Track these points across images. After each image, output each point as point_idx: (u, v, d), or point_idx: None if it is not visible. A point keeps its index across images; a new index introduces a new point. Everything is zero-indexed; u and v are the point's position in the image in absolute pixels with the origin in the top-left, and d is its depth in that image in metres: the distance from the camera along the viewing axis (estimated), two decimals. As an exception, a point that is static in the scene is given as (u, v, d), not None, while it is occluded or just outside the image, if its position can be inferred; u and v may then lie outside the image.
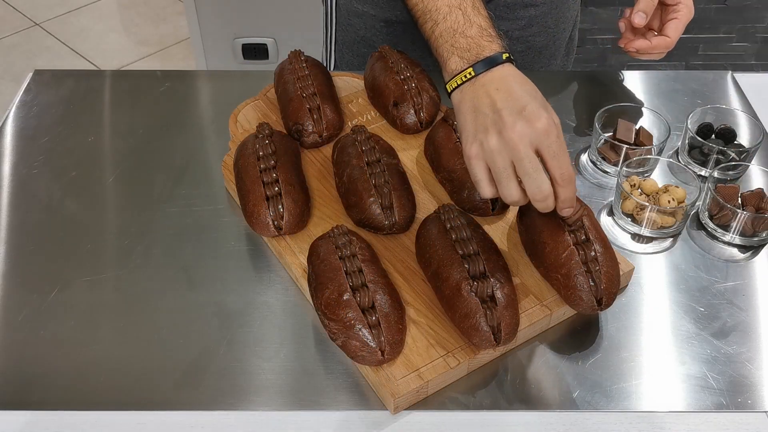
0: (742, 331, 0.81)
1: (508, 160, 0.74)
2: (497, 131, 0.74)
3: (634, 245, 0.91)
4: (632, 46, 1.05)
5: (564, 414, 0.74)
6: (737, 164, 0.98)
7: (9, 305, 0.83)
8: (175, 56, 2.90)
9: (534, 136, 0.72)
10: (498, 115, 0.74)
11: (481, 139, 0.75)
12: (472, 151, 0.76)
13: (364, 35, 1.20)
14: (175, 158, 1.03)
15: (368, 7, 1.17)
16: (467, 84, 0.78)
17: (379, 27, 1.18)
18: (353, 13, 1.19)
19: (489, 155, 0.75)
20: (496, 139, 0.74)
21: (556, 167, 0.73)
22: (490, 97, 0.75)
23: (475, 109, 0.76)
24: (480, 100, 0.76)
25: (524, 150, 0.72)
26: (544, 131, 0.73)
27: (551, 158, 0.73)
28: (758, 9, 2.20)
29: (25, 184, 0.99)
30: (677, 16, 1.03)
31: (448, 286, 0.76)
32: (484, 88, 0.76)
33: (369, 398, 0.75)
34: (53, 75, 1.19)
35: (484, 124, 0.75)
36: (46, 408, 0.74)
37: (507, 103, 0.74)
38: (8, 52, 2.89)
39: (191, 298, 0.84)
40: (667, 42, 1.04)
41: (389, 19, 1.17)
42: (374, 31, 1.19)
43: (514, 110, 0.73)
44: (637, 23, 1.02)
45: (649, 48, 1.04)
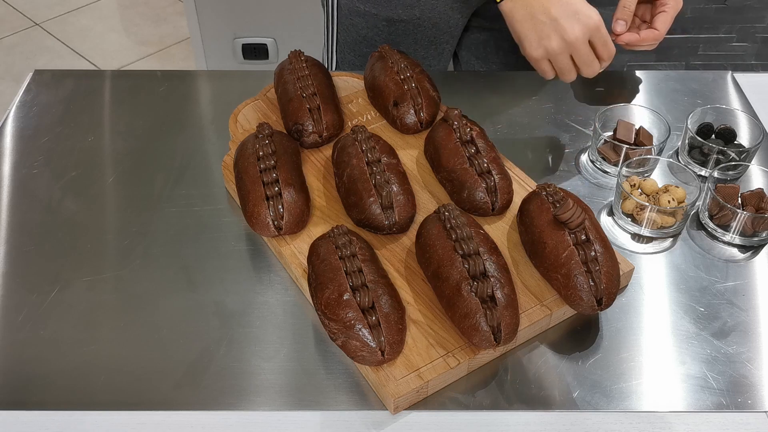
0: (742, 331, 0.81)
1: (569, 56, 0.95)
2: (559, 35, 0.93)
3: (634, 245, 0.91)
4: (621, 41, 1.08)
5: (564, 414, 0.74)
6: (737, 164, 0.98)
7: (9, 305, 0.84)
8: (175, 56, 2.90)
9: (588, 33, 0.93)
10: (556, 22, 0.93)
11: (545, 44, 0.94)
12: (539, 53, 0.95)
13: (366, 34, 1.20)
14: (175, 158, 1.03)
15: (370, 6, 1.17)
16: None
17: (381, 26, 1.19)
18: (355, 13, 1.19)
19: (553, 56, 0.95)
20: (558, 42, 0.93)
21: (605, 51, 0.97)
22: (543, 4, 0.93)
23: (531, 17, 0.94)
24: (533, 7, 0.94)
25: (582, 46, 0.94)
26: (595, 27, 0.94)
27: (602, 46, 0.96)
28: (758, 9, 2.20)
29: (25, 184, 0.99)
30: (665, 9, 1.08)
31: (448, 286, 0.76)
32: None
33: (369, 398, 0.75)
34: (53, 75, 1.19)
35: (544, 31, 0.94)
36: (46, 408, 0.74)
37: (561, 9, 0.93)
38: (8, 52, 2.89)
39: (191, 298, 0.84)
40: (655, 34, 1.08)
41: (391, 18, 1.17)
42: (376, 30, 1.19)
43: (569, 15, 0.92)
44: (619, 31, 1.09)
45: (639, 41, 1.10)
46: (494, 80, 1.21)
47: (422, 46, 1.22)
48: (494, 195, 0.89)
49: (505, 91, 1.17)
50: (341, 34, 1.24)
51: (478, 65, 1.32)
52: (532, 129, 1.08)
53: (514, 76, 1.23)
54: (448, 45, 1.25)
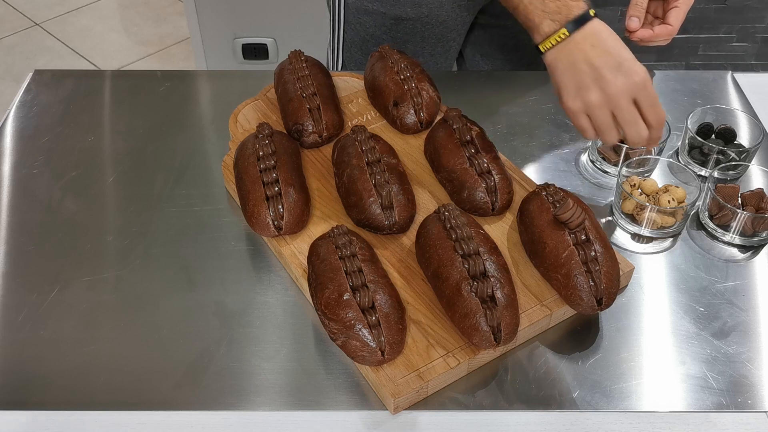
0: (742, 331, 0.81)
1: (609, 112, 0.84)
2: (599, 87, 0.83)
3: (634, 245, 0.91)
4: (635, 37, 1.08)
5: (564, 414, 0.74)
6: (737, 164, 0.98)
7: (9, 305, 0.83)
8: (175, 56, 2.90)
9: (633, 89, 0.83)
10: (598, 72, 0.84)
11: (583, 95, 0.85)
12: (576, 105, 0.86)
13: (374, 33, 1.20)
14: (175, 158, 1.03)
15: (378, 5, 1.17)
16: (562, 44, 0.86)
17: (389, 24, 1.19)
18: (363, 11, 1.19)
19: (591, 109, 0.85)
20: (598, 95, 0.84)
21: (652, 114, 0.85)
22: (586, 54, 0.85)
23: (572, 67, 0.85)
24: (576, 57, 0.85)
25: (625, 103, 0.83)
26: (642, 84, 0.83)
27: (648, 107, 0.84)
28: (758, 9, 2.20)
29: (25, 184, 0.99)
30: (678, 5, 1.07)
31: (448, 286, 0.76)
32: (578, 46, 0.85)
33: (369, 398, 0.75)
34: (53, 75, 1.19)
35: (584, 81, 0.84)
36: (46, 408, 0.74)
37: (605, 60, 0.84)
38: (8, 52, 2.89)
39: (191, 298, 0.84)
40: (669, 30, 1.07)
41: (399, 17, 1.18)
42: (384, 29, 1.20)
43: (612, 66, 0.83)
44: (633, 28, 1.08)
45: (652, 36, 1.09)
46: (494, 80, 1.21)
47: (429, 44, 1.22)
48: (494, 195, 0.89)
49: (505, 91, 1.17)
50: (348, 33, 1.24)
51: (483, 62, 1.32)
52: (532, 129, 1.08)
53: (514, 76, 1.23)
54: (454, 43, 1.25)
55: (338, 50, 1.27)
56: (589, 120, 0.86)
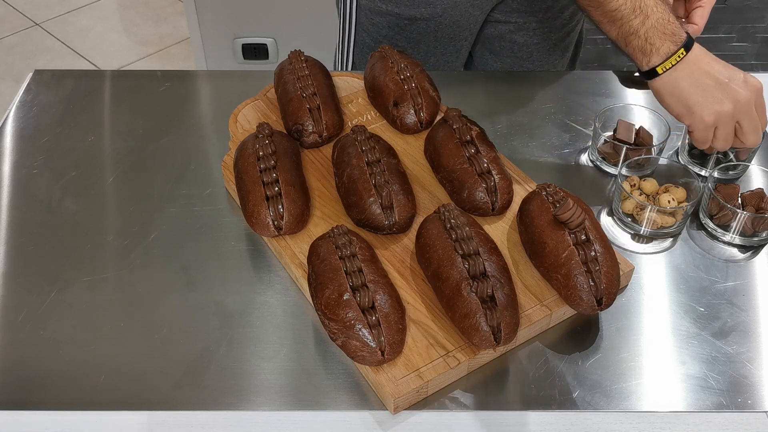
0: (742, 331, 0.81)
1: (733, 125, 0.92)
2: (731, 99, 0.90)
3: (634, 245, 0.91)
4: None
5: (564, 414, 0.74)
6: (737, 164, 0.98)
7: (9, 305, 0.84)
8: (175, 56, 2.90)
9: (754, 98, 0.91)
10: (728, 86, 0.91)
11: (718, 108, 0.90)
12: (712, 118, 0.91)
13: (387, 34, 1.21)
14: (175, 158, 1.03)
15: (392, 6, 1.17)
16: (681, 64, 0.93)
17: (403, 25, 1.19)
18: (376, 12, 1.19)
19: (723, 120, 0.91)
20: (731, 106, 0.90)
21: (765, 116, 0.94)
22: (707, 71, 0.92)
23: (698, 83, 0.92)
24: (698, 75, 0.92)
25: (750, 111, 0.91)
26: (758, 91, 0.92)
27: (762, 111, 0.93)
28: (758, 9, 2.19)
29: (25, 184, 0.99)
30: (702, 4, 1.10)
31: (448, 286, 0.76)
32: (697, 65, 0.93)
33: (369, 398, 0.75)
34: (53, 75, 1.19)
35: (716, 95, 0.91)
36: (46, 408, 0.74)
37: (727, 74, 0.92)
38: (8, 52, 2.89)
39: (191, 298, 0.84)
40: (694, 29, 1.11)
41: (413, 17, 1.18)
42: (398, 29, 1.20)
43: (739, 81, 0.91)
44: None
45: None
46: (494, 80, 1.21)
47: (442, 44, 1.22)
48: (494, 195, 0.89)
49: (505, 91, 1.17)
50: (359, 35, 1.24)
51: (492, 59, 1.32)
52: (532, 129, 1.08)
53: (515, 76, 1.23)
54: (466, 42, 1.26)
55: (348, 52, 1.27)
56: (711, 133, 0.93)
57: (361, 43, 1.24)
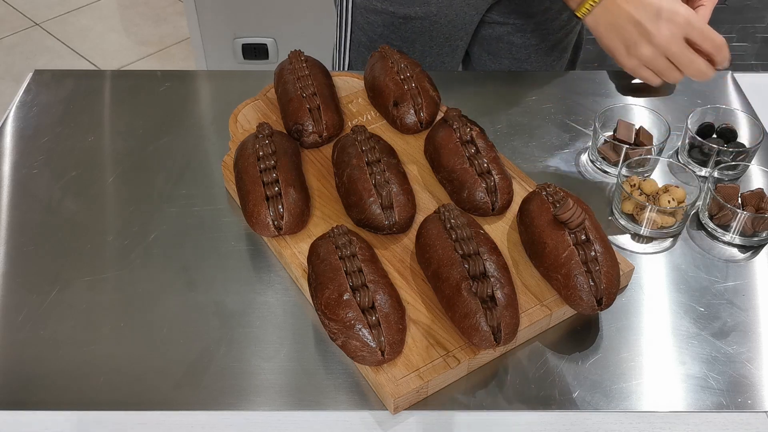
0: (742, 331, 0.81)
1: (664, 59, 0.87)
2: (646, 41, 0.86)
3: (634, 245, 0.91)
4: None
5: (564, 414, 0.74)
6: (737, 164, 0.98)
7: (9, 305, 0.84)
8: (175, 56, 2.90)
9: (680, 31, 0.85)
10: (641, 27, 0.86)
11: (635, 51, 0.87)
12: (632, 63, 0.88)
13: (382, 32, 1.21)
14: (175, 158, 1.03)
15: (387, 4, 1.17)
16: (598, 7, 0.89)
17: (398, 23, 1.19)
18: (371, 11, 1.19)
19: (647, 62, 0.88)
20: (649, 48, 0.86)
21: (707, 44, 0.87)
22: (624, 10, 0.87)
23: (615, 26, 0.88)
24: (616, 16, 0.88)
25: (676, 47, 0.86)
26: (686, 23, 0.85)
27: (701, 41, 0.86)
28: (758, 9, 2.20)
29: (25, 184, 0.99)
30: (704, 3, 1.07)
31: (448, 286, 0.76)
32: (614, 5, 0.88)
33: (369, 398, 0.75)
34: (53, 75, 1.19)
35: (631, 38, 0.87)
36: (46, 408, 0.74)
37: (643, 12, 0.86)
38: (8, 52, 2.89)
39: (191, 298, 0.84)
40: None
41: (408, 15, 1.18)
42: (392, 28, 1.20)
43: (652, 17, 0.85)
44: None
45: None
46: (495, 80, 1.21)
47: (437, 44, 1.22)
48: (494, 195, 0.89)
49: (505, 91, 1.17)
50: (355, 33, 1.24)
51: (490, 61, 1.32)
52: (532, 129, 1.08)
53: (515, 76, 1.23)
54: (461, 42, 1.25)
55: (345, 50, 1.27)
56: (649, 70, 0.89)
57: (357, 42, 1.24)
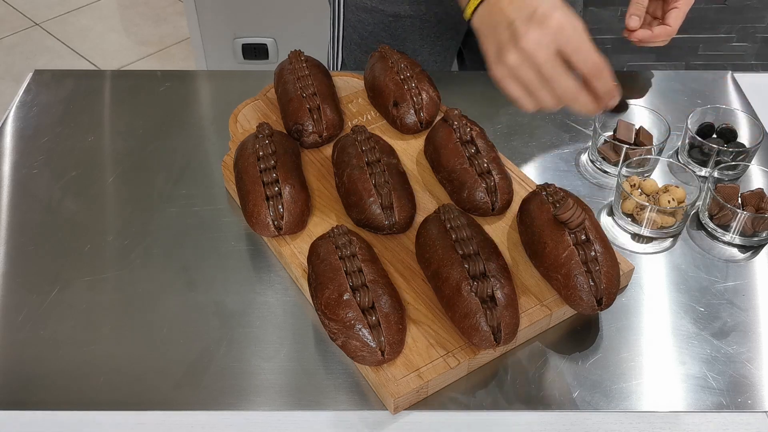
0: (742, 331, 0.81)
1: (532, 70, 0.72)
2: (513, 45, 0.72)
3: (634, 245, 0.91)
4: (634, 37, 1.08)
5: (564, 414, 0.74)
6: (737, 164, 0.98)
7: (9, 305, 0.84)
8: (175, 56, 2.90)
9: (550, 38, 0.70)
10: (512, 28, 0.72)
11: (502, 57, 0.73)
12: (499, 72, 0.74)
13: (372, 31, 1.20)
14: (175, 158, 1.03)
15: (376, 2, 1.17)
16: (481, 6, 0.77)
17: (388, 22, 1.19)
18: (362, 9, 1.19)
19: (513, 70, 0.73)
20: (515, 54, 0.72)
21: (581, 62, 0.71)
22: (504, 11, 0.74)
23: (493, 28, 0.75)
24: (495, 17, 0.75)
25: (543, 55, 0.70)
26: (558, 28, 0.70)
27: (572, 54, 0.71)
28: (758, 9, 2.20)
29: (25, 184, 0.99)
30: (677, 6, 1.07)
31: (448, 286, 0.76)
32: (497, 5, 0.75)
33: (369, 398, 0.75)
34: (53, 75, 1.19)
35: (501, 42, 0.73)
36: (46, 408, 0.74)
37: (518, 13, 0.72)
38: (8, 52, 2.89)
39: (191, 298, 0.84)
40: (668, 30, 1.07)
41: (398, 14, 1.18)
42: (382, 26, 1.19)
43: (525, 17, 0.71)
44: (633, 26, 1.07)
45: (651, 37, 1.08)
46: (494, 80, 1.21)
47: (428, 43, 1.22)
48: (494, 195, 0.89)
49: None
50: (347, 31, 1.23)
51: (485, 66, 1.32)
52: (532, 129, 1.08)
53: (514, 76, 1.23)
54: (453, 41, 1.25)
55: (338, 48, 1.27)
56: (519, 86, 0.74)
57: (350, 41, 1.24)
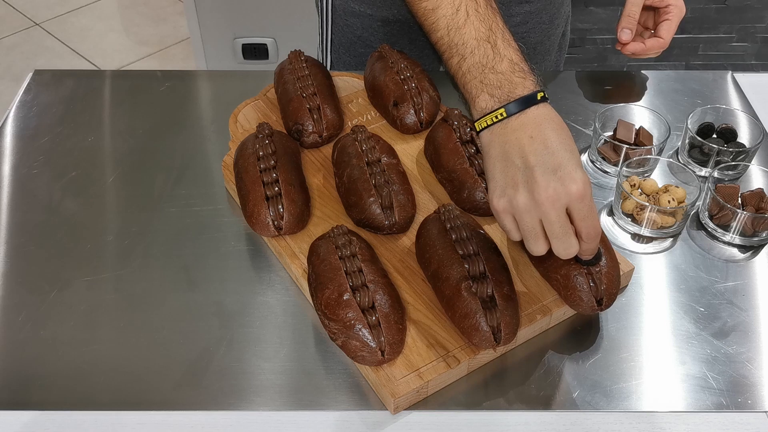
0: (742, 331, 0.81)
1: (536, 219, 0.70)
2: (528, 190, 0.69)
3: (634, 245, 0.91)
4: (627, 50, 1.08)
5: (564, 414, 0.74)
6: (737, 164, 0.98)
7: (9, 305, 0.83)
8: (175, 56, 2.90)
9: (566, 199, 0.69)
10: (530, 172, 0.69)
11: (510, 194, 0.70)
12: (500, 205, 0.72)
13: (361, 35, 1.20)
14: (175, 158, 1.03)
15: (365, 7, 1.17)
16: (498, 126, 0.72)
17: (377, 26, 1.18)
18: (350, 13, 1.19)
19: (517, 212, 0.71)
20: (526, 198, 0.69)
21: (585, 228, 0.70)
22: (523, 147, 0.70)
23: (505, 157, 0.71)
24: (511, 147, 0.70)
25: (555, 213, 0.69)
26: (578, 195, 0.69)
27: (581, 220, 0.70)
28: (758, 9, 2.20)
29: (25, 184, 0.99)
30: (669, 17, 1.06)
31: (448, 286, 0.76)
32: (515, 134, 0.71)
33: (369, 398, 0.75)
34: (53, 75, 1.19)
35: (514, 179, 0.70)
36: (46, 408, 0.74)
37: (541, 158, 0.69)
38: (8, 52, 2.89)
39: (191, 298, 0.84)
40: (660, 43, 1.07)
41: (387, 19, 1.17)
42: (371, 30, 1.19)
43: (548, 169, 0.69)
44: (625, 40, 1.07)
45: (644, 50, 1.09)
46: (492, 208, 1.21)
47: (417, 47, 1.21)
48: (494, 195, 0.89)
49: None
50: (336, 35, 1.23)
51: None
52: (532, 129, 1.08)
53: (514, 76, 1.23)
54: None
55: (326, 51, 1.27)
56: (515, 221, 0.72)
57: (338, 44, 1.24)
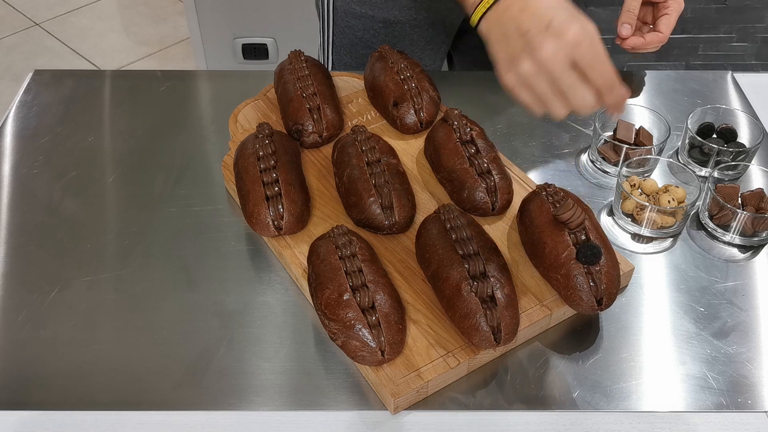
0: (742, 331, 0.81)
1: (546, 81, 0.72)
2: (528, 55, 0.72)
3: (634, 245, 0.91)
4: (627, 45, 1.08)
5: (564, 414, 0.74)
6: (737, 164, 0.98)
7: (9, 305, 0.84)
8: (175, 56, 2.90)
9: (566, 50, 0.71)
10: (525, 38, 0.72)
11: (515, 66, 0.74)
12: (510, 80, 0.75)
13: (363, 36, 1.20)
14: (175, 158, 1.03)
15: (366, 8, 1.17)
16: (491, 12, 0.76)
17: (378, 28, 1.19)
18: (351, 15, 1.19)
19: (526, 80, 0.73)
20: (529, 64, 0.72)
21: (596, 77, 0.72)
22: (516, 19, 0.73)
23: (504, 36, 0.75)
24: (506, 25, 0.74)
25: (559, 67, 0.71)
26: (575, 42, 0.70)
27: (588, 69, 0.71)
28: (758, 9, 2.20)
29: (25, 184, 0.99)
30: (668, 12, 1.06)
31: (448, 286, 0.76)
32: (507, 12, 0.75)
33: (369, 398, 0.75)
34: (53, 75, 1.19)
35: (514, 51, 0.73)
36: (46, 408, 0.74)
37: (532, 23, 0.72)
38: (8, 52, 2.89)
39: (191, 298, 0.84)
40: (660, 37, 1.07)
41: (388, 20, 1.17)
42: (372, 32, 1.19)
43: (540, 28, 0.71)
44: (625, 35, 1.06)
45: (643, 44, 1.09)
46: (494, 80, 1.21)
47: (418, 47, 1.22)
48: (494, 195, 0.89)
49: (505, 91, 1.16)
50: (337, 36, 1.23)
51: (474, 68, 1.32)
52: (532, 129, 1.08)
53: (514, 76, 1.23)
54: (443, 44, 1.25)
55: (328, 52, 1.27)
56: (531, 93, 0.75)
57: (339, 45, 1.24)
